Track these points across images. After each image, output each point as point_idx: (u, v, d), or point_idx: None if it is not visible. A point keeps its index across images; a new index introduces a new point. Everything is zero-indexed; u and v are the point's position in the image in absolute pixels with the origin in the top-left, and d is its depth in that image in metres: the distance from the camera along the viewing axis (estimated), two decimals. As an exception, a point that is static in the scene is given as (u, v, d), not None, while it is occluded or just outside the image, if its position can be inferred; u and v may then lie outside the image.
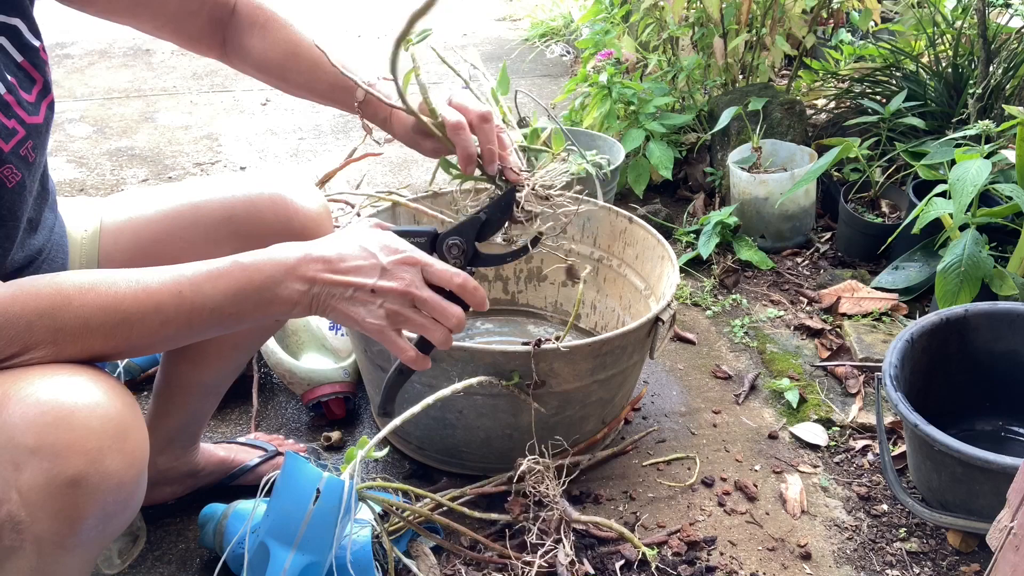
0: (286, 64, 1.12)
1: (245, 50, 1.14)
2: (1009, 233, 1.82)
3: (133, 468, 0.77)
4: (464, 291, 0.91)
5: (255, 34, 1.12)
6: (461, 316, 0.91)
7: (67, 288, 0.79)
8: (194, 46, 1.16)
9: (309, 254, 0.87)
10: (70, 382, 0.76)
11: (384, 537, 1.22)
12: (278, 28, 1.12)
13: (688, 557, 1.36)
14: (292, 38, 1.11)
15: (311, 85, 1.12)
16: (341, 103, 1.11)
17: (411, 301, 0.89)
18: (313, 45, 1.09)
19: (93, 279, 0.81)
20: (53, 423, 0.73)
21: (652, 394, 1.77)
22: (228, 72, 3.73)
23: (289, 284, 0.86)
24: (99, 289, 0.80)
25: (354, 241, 0.89)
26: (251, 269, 0.85)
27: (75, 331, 0.79)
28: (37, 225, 0.99)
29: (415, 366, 0.95)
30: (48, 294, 0.79)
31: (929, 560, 1.38)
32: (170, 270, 0.84)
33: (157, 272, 0.83)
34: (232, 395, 1.67)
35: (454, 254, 0.96)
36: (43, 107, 0.94)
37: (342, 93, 1.09)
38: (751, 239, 2.29)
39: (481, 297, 0.93)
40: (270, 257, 0.86)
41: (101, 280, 0.81)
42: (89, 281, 0.81)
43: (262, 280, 0.85)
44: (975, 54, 2.35)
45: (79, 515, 0.75)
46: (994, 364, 1.53)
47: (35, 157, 0.92)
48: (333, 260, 0.87)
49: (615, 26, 2.85)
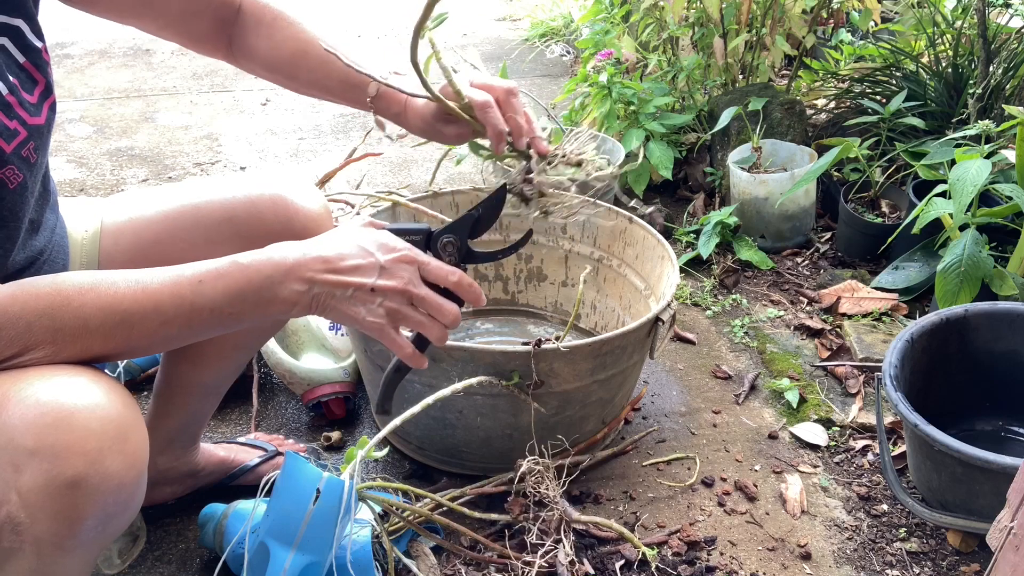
0: (295, 62, 1.11)
1: (252, 49, 1.13)
2: (1009, 233, 1.82)
3: (133, 469, 0.78)
4: (460, 288, 0.93)
5: (262, 33, 1.12)
6: (457, 313, 0.92)
7: (67, 289, 0.79)
8: (199, 46, 1.15)
9: (307, 254, 0.87)
10: (70, 383, 0.76)
11: (384, 537, 1.22)
12: (285, 26, 1.12)
13: (688, 557, 1.36)
14: (300, 36, 1.11)
15: (321, 82, 1.12)
16: (352, 100, 1.11)
17: (409, 299, 0.90)
18: (321, 43, 1.09)
19: (92, 280, 0.81)
20: (53, 424, 0.73)
21: (652, 394, 1.77)
22: (228, 72, 3.73)
23: (288, 285, 0.86)
24: (99, 289, 0.80)
25: (352, 240, 0.90)
26: (250, 270, 0.85)
27: (75, 331, 0.79)
28: (39, 226, 0.99)
29: (413, 363, 0.95)
30: (48, 294, 0.79)
31: (929, 560, 1.38)
32: (170, 270, 0.84)
33: (157, 272, 0.84)
34: (232, 395, 1.67)
35: (448, 252, 0.97)
36: (45, 108, 0.94)
37: (353, 90, 1.09)
38: (751, 239, 2.29)
39: (477, 293, 0.94)
40: (269, 257, 0.86)
41: (101, 281, 0.81)
42: (89, 282, 0.81)
43: (261, 281, 0.85)
44: (975, 54, 2.35)
45: (79, 516, 0.75)
46: (994, 364, 1.53)
47: (37, 158, 0.92)
48: (332, 260, 0.87)
49: (615, 26, 2.85)
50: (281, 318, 0.91)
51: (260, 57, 1.13)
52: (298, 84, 1.14)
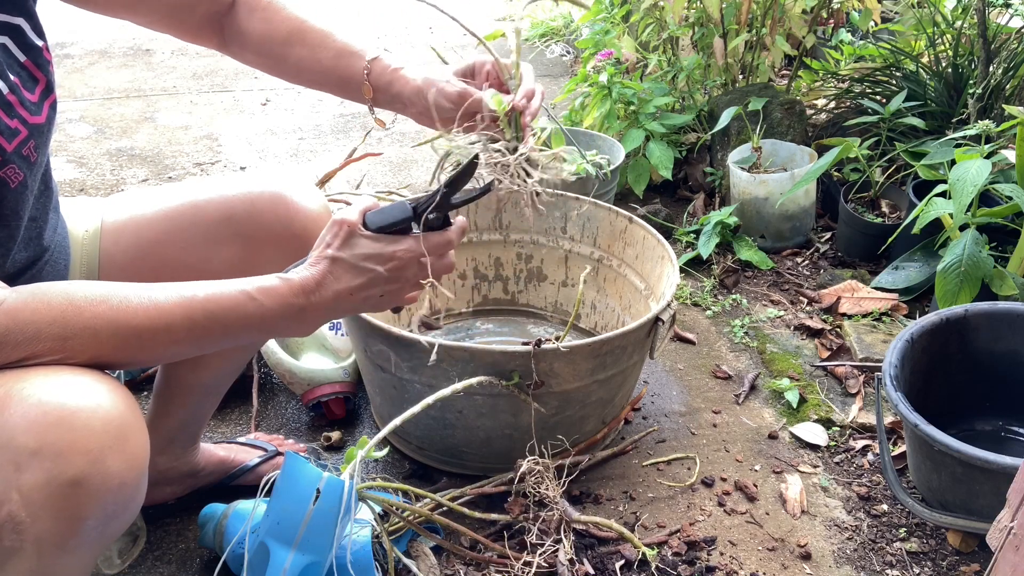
0: (289, 41, 1.12)
1: (245, 34, 1.14)
2: (1009, 233, 1.82)
3: (134, 469, 0.78)
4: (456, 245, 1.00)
5: (256, 17, 1.13)
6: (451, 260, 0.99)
7: (78, 299, 0.80)
8: (192, 38, 1.16)
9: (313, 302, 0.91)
10: (72, 383, 0.76)
11: (384, 537, 1.22)
12: (279, 9, 1.13)
13: (688, 557, 1.36)
14: (294, 18, 1.13)
15: (312, 65, 1.13)
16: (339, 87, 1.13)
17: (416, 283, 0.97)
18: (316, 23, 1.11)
19: (104, 292, 0.82)
20: (55, 424, 0.73)
21: (652, 394, 1.77)
22: (228, 72, 3.73)
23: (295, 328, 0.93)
24: (111, 302, 0.81)
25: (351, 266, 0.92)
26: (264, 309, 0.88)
27: (84, 342, 0.80)
28: (41, 225, 0.99)
29: None
30: (59, 304, 0.79)
31: (929, 560, 1.38)
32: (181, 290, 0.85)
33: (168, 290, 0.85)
34: (232, 395, 1.67)
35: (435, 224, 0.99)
36: (46, 107, 0.94)
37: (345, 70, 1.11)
38: (751, 239, 2.29)
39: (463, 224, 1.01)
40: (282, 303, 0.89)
41: (113, 294, 0.82)
42: (100, 294, 0.81)
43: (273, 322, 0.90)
44: (975, 54, 2.35)
45: (80, 516, 0.75)
46: (994, 364, 1.53)
47: (37, 157, 0.92)
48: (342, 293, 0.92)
49: (615, 26, 2.85)
50: None
51: (253, 41, 1.14)
52: (287, 68, 1.15)
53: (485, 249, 1.91)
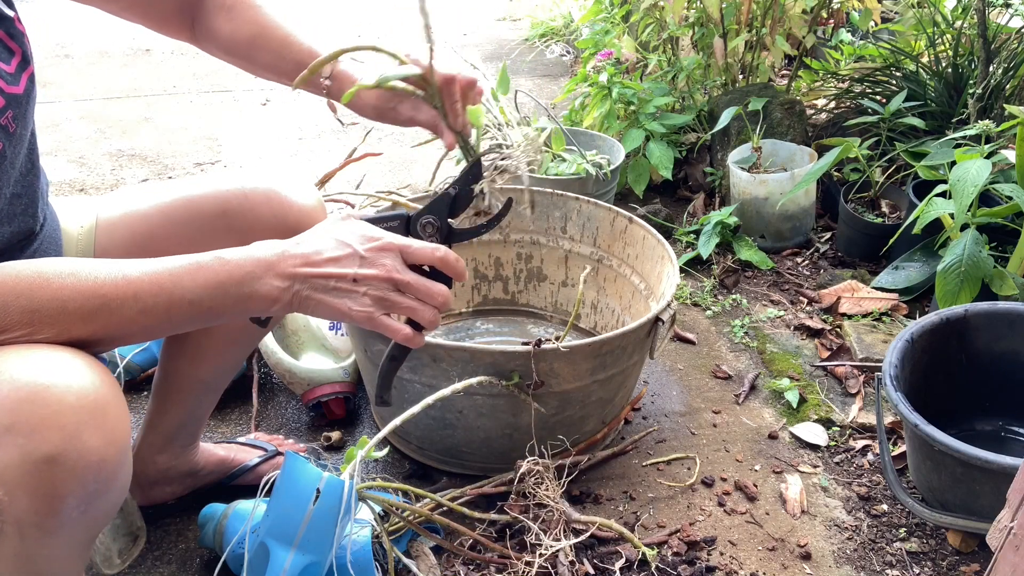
0: (254, 43, 1.12)
1: (213, 32, 1.14)
2: (1009, 233, 1.82)
3: (113, 445, 0.76)
4: (446, 264, 0.92)
5: (222, 16, 1.12)
6: (447, 293, 0.92)
7: (47, 272, 0.79)
8: (162, 28, 1.15)
9: (287, 251, 0.88)
10: (46, 359, 0.75)
11: (384, 537, 1.22)
12: (245, 9, 1.12)
13: (688, 557, 1.36)
14: (259, 19, 1.12)
15: (277, 65, 1.12)
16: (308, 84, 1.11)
17: (395, 285, 0.90)
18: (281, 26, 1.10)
19: (74, 266, 0.81)
20: (27, 400, 0.72)
21: (652, 394, 1.77)
22: (228, 72, 3.73)
23: (268, 281, 0.87)
24: (80, 275, 0.80)
25: (329, 234, 0.90)
26: (231, 265, 0.86)
27: (52, 314, 0.78)
28: (27, 203, 0.98)
29: (411, 344, 0.95)
30: (27, 276, 0.78)
31: (929, 560, 1.38)
32: (152, 262, 0.84)
33: (139, 263, 0.84)
34: (232, 395, 1.67)
35: (429, 232, 0.97)
36: (24, 78, 0.93)
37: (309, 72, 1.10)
38: (751, 239, 2.29)
39: (462, 268, 0.94)
40: (250, 255, 0.87)
41: (82, 267, 0.81)
42: (69, 268, 0.81)
43: (241, 276, 0.86)
44: (975, 54, 2.35)
45: (58, 494, 0.74)
46: (994, 364, 1.53)
47: (16, 128, 0.91)
48: (311, 255, 0.88)
49: (615, 26, 2.85)
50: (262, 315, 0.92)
51: (220, 40, 1.14)
52: (256, 67, 1.15)
53: (485, 249, 1.91)
